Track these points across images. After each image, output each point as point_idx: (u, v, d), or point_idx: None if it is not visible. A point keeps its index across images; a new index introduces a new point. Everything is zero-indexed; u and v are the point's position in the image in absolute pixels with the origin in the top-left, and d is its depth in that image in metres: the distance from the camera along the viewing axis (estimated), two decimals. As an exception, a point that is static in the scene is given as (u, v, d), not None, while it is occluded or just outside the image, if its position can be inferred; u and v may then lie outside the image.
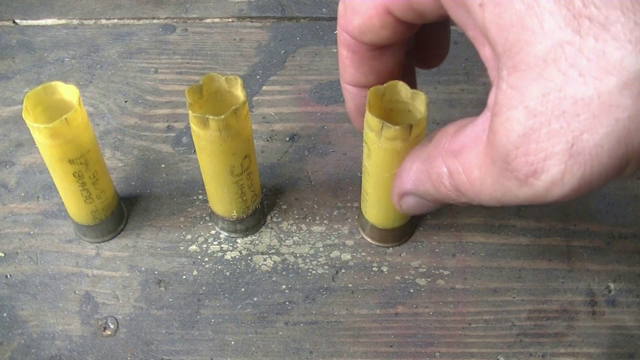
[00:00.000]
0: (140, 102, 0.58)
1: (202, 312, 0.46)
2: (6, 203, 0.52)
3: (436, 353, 0.44)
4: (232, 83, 0.43)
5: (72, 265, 0.48)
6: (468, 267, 0.48)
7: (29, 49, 0.62)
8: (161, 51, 0.62)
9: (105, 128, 0.56)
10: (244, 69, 0.61)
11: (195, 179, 0.53)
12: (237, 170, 0.44)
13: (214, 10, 0.66)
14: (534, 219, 0.50)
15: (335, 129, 0.56)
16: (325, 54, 0.62)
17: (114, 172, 0.53)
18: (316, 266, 0.48)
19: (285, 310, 0.46)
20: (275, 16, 0.65)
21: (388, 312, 0.46)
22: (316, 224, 0.51)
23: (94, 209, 0.47)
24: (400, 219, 0.47)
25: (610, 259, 0.49)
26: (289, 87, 0.59)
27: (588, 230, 0.50)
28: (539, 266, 0.48)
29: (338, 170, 0.54)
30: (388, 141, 0.40)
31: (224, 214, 0.48)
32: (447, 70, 0.60)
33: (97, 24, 0.65)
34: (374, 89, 0.40)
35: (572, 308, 0.46)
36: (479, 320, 0.46)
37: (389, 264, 0.48)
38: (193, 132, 0.42)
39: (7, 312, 0.46)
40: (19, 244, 0.50)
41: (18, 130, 0.56)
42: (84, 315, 0.46)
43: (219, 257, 0.49)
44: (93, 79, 0.60)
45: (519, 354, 0.44)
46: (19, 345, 0.45)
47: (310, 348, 0.45)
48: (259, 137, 0.56)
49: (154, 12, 0.66)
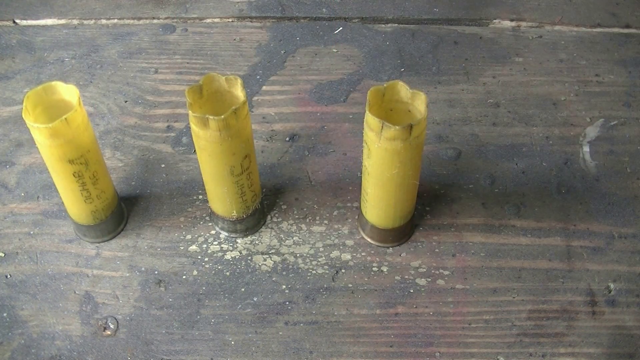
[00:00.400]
0: (140, 102, 0.58)
1: (202, 312, 0.46)
2: (6, 203, 0.52)
3: (436, 353, 0.44)
4: (232, 83, 0.43)
5: (72, 265, 0.49)
6: (468, 267, 0.48)
7: (29, 49, 0.62)
8: (161, 51, 0.62)
9: (105, 128, 0.56)
10: (244, 69, 0.61)
11: (195, 179, 0.53)
12: (237, 170, 0.44)
13: (214, 10, 0.66)
14: (534, 219, 0.50)
15: (335, 129, 0.56)
16: (325, 54, 0.62)
17: (114, 172, 0.53)
18: (316, 266, 0.48)
19: (285, 310, 0.46)
20: (275, 16, 0.65)
21: (388, 312, 0.46)
22: (316, 224, 0.51)
23: (94, 209, 0.47)
24: (400, 219, 0.47)
25: (610, 259, 0.49)
26: (289, 87, 0.59)
27: (588, 230, 0.50)
28: (539, 266, 0.48)
29: (338, 170, 0.54)
30: (388, 141, 0.40)
31: (224, 214, 0.48)
32: (447, 70, 0.60)
33: (97, 24, 0.65)
34: (374, 89, 0.40)
35: (572, 308, 0.46)
36: (479, 320, 0.46)
37: (389, 264, 0.48)
38: (193, 132, 0.42)
39: (7, 312, 0.46)
40: (19, 244, 0.50)
41: (18, 130, 0.56)
42: (84, 315, 0.46)
43: (219, 257, 0.49)
44: (93, 79, 0.60)
45: (519, 354, 0.44)
46: (19, 345, 0.45)
47: (310, 348, 0.45)
48: (259, 137, 0.56)
49: (154, 12, 0.66)
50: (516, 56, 0.61)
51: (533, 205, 0.51)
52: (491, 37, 0.63)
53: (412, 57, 0.61)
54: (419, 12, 0.65)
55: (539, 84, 0.59)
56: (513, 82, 0.59)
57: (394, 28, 0.64)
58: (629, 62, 0.60)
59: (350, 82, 0.59)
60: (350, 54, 0.62)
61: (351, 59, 0.61)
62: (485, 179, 0.53)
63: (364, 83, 0.59)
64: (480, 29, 0.64)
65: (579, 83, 0.59)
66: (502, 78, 0.60)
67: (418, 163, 0.43)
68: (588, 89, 0.59)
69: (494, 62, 0.61)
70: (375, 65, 0.61)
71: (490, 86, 0.59)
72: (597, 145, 0.55)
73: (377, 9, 0.66)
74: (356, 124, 0.56)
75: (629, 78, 0.59)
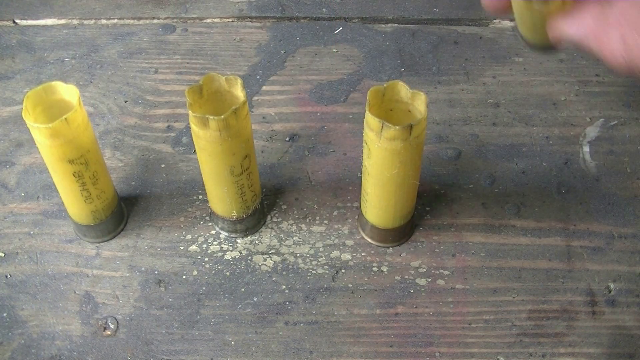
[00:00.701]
0: (140, 102, 0.58)
1: (202, 312, 0.46)
2: (6, 203, 0.52)
3: (436, 353, 0.44)
4: (232, 83, 0.43)
5: (72, 265, 0.49)
6: (468, 267, 0.48)
7: (29, 49, 0.62)
8: (161, 51, 0.62)
9: (105, 128, 0.56)
10: (244, 69, 0.61)
11: (195, 179, 0.53)
12: (237, 170, 0.44)
13: (214, 10, 0.66)
14: (534, 219, 0.50)
15: (335, 129, 0.56)
16: (325, 54, 0.62)
17: (114, 172, 0.53)
18: (316, 266, 0.48)
19: (285, 310, 0.46)
20: (275, 16, 0.65)
21: (388, 312, 0.46)
22: (316, 224, 0.51)
23: (94, 209, 0.47)
24: (400, 219, 0.47)
25: (610, 259, 0.49)
26: (289, 87, 0.59)
27: (588, 230, 0.50)
28: (539, 266, 0.48)
29: (338, 170, 0.54)
30: (388, 141, 0.40)
31: (224, 214, 0.48)
32: (447, 70, 0.60)
33: (97, 24, 0.65)
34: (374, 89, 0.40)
35: (572, 308, 0.46)
36: (479, 320, 0.46)
37: (389, 264, 0.48)
38: (193, 132, 0.42)
39: (7, 312, 0.46)
40: (19, 244, 0.50)
41: (18, 130, 0.56)
42: (84, 315, 0.46)
43: (219, 257, 0.49)
44: (93, 79, 0.60)
45: (519, 354, 0.44)
46: (19, 345, 0.45)
47: (310, 348, 0.45)
48: (259, 137, 0.56)
49: (154, 12, 0.66)
50: (516, 56, 0.61)
51: (533, 205, 0.51)
52: (491, 37, 0.63)
53: (412, 57, 0.61)
54: (419, 12, 0.65)
55: (539, 84, 0.59)
56: (513, 82, 0.59)
57: (394, 28, 0.64)
58: (629, 62, 0.60)
59: (350, 82, 0.59)
60: (350, 54, 0.62)
61: (351, 59, 0.61)
62: (485, 179, 0.53)
63: (364, 83, 0.59)
64: (480, 29, 0.64)
65: (579, 83, 0.59)
66: (502, 78, 0.60)
67: (418, 163, 0.43)
68: (588, 89, 0.59)
69: (494, 62, 0.61)
70: (375, 65, 0.61)
71: (490, 86, 0.59)
72: (597, 145, 0.55)
73: (377, 9, 0.66)
74: (356, 124, 0.56)
75: (629, 78, 0.59)
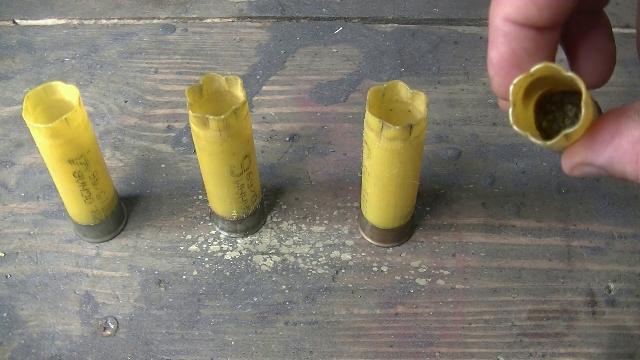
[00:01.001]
0: (140, 102, 0.58)
1: (202, 312, 0.46)
2: (6, 203, 0.52)
3: (436, 353, 0.44)
4: (232, 83, 0.43)
5: (72, 265, 0.48)
6: (468, 267, 0.48)
7: (29, 49, 0.62)
8: (161, 51, 0.62)
9: (105, 128, 0.56)
10: (244, 69, 0.61)
11: (195, 179, 0.53)
12: (237, 170, 0.44)
13: (214, 10, 0.66)
14: (534, 219, 0.50)
15: (335, 129, 0.56)
16: (325, 54, 0.62)
17: (114, 172, 0.53)
18: (316, 266, 0.48)
19: (285, 310, 0.46)
20: (275, 16, 0.65)
21: (388, 312, 0.46)
22: (316, 224, 0.50)
23: (94, 209, 0.47)
24: (400, 219, 0.47)
25: (610, 259, 0.49)
26: (289, 87, 0.59)
27: (588, 230, 0.50)
28: (539, 266, 0.48)
29: (338, 170, 0.54)
30: (388, 141, 0.40)
31: (224, 214, 0.48)
32: (447, 70, 0.60)
33: (97, 24, 0.65)
34: (374, 89, 0.40)
35: (572, 308, 0.46)
36: (479, 320, 0.46)
37: (389, 264, 0.48)
38: (193, 132, 0.42)
39: (7, 312, 0.46)
40: (19, 244, 0.50)
41: (18, 130, 0.56)
42: (84, 315, 0.46)
43: (219, 257, 0.49)
44: (93, 79, 0.60)
45: (519, 354, 0.44)
46: (19, 345, 0.45)
47: (310, 348, 0.45)
48: (259, 137, 0.56)
49: (154, 12, 0.66)
50: (516, 56, 0.61)
51: (533, 205, 0.51)
52: (491, 37, 0.63)
53: (412, 57, 0.61)
54: (419, 12, 0.65)
55: (539, 84, 0.59)
56: (513, 82, 0.59)
57: (394, 28, 0.64)
58: (629, 62, 0.60)
59: (350, 82, 0.59)
60: (350, 54, 0.62)
61: (351, 59, 0.61)
62: (485, 179, 0.53)
63: (364, 83, 0.59)
64: (480, 29, 0.64)
65: (579, 83, 0.59)
66: (502, 78, 0.59)
67: (418, 163, 0.43)
68: (588, 89, 0.58)
69: (494, 62, 0.61)
70: (375, 65, 0.61)
71: (490, 86, 0.59)
72: (597, 145, 0.55)
73: (377, 9, 0.66)
74: (356, 124, 0.56)
75: (629, 78, 0.59)
